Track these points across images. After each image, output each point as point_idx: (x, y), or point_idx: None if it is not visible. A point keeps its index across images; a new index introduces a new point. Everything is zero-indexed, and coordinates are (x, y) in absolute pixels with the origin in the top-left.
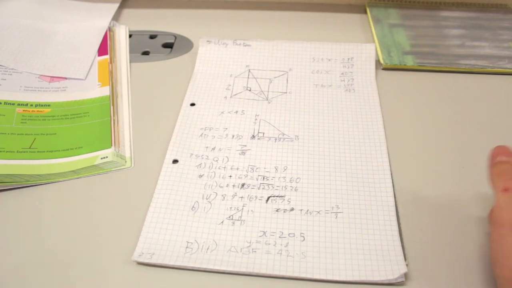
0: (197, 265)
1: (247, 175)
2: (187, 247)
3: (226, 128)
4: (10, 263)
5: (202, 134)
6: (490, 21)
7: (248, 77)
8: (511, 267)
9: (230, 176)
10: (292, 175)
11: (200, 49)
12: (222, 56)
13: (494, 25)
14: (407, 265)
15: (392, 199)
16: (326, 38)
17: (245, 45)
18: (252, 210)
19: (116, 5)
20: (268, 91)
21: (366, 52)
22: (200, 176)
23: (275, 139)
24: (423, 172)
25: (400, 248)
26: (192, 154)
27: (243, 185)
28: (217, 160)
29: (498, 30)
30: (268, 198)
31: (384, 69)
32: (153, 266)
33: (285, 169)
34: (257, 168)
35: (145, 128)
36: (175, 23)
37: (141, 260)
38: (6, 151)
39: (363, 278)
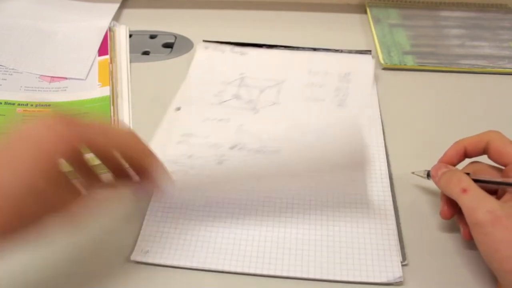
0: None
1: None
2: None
3: (208, 136)
4: (9, 262)
5: (181, 140)
6: (490, 21)
7: (239, 85)
8: (507, 258)
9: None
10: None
11: (196, 53)
12: (217, 63)
13: (494, 25)
14: (406, 264)
15: (390, 199)
16: (325, 38)
17: (242, 54)
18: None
19: (116, 5)
20: (257, 101)
21: (365, 66)
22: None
23: (256, 150)
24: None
25: (398, 248)
26: (168, 160)
27: (242, 185)
28: (193, 168)
29: (498, 30)
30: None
31: (384, 69)
32: (152, 265)
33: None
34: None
35: (145, 128)
36: (175, 23)
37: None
38: None
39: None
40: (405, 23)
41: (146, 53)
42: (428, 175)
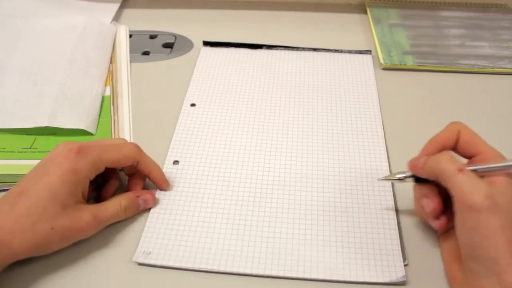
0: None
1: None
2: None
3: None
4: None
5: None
6: (490, 21)
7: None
8: (496, 246)
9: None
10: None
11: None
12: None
13: (494, 25)
14: (407, 265)
15: (392, 198)
16: (326, 38)
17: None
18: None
19: (117, 5)
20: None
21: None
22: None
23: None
24: None
25: (399, 248)
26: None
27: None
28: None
29: (498, 30)
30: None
31: (384, 69)
32: (154, 266)
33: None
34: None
35: (145, 128)
36: (175, 23)
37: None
38: (7, 151)
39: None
40: (405, 23)
41: (146, 53)
42: (402, 179)
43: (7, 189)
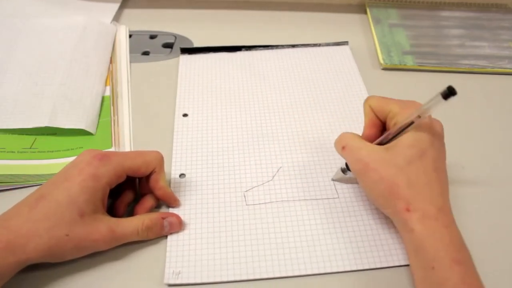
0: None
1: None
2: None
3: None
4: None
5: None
6: (490, 21)
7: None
8: (380, 193)
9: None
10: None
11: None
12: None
13: (494, 25)
14: None
15: None
16: (326, 38)
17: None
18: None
19: (117, 5)
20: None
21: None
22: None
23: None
24: None
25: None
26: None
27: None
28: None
29: (498, 30)
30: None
31: (384, 69)
32: (187, 285)
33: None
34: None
35: (145, 128)
36: (175, 23)
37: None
38: (7, 151)
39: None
40: (405, 23)
41: (146, 53)
42: (343, 170)
43: (7, 189)
